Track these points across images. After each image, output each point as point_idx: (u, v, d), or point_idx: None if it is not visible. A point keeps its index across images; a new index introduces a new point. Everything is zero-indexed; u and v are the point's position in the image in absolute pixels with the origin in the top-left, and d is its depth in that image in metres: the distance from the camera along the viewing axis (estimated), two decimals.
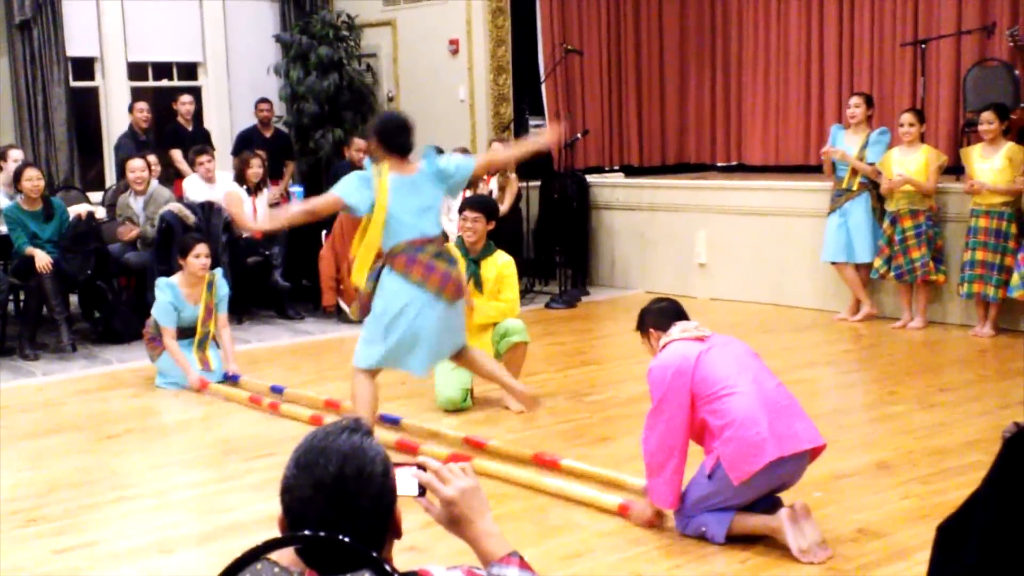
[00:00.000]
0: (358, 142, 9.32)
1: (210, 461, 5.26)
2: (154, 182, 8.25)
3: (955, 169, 7.87)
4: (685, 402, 3.88)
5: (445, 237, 5.22)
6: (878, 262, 7.79)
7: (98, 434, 5.70)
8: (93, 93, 10.50)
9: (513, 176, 9.15)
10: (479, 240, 5.89)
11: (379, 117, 5.20)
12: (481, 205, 5.96)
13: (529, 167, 9.88)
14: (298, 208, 5.04)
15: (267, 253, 8.65)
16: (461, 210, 5.97)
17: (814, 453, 3.95)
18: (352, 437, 1.72)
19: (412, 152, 4.99)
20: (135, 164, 8.14)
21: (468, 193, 7.57)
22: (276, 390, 6.32)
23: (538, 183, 9.95)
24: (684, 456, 3.94)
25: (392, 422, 5.57)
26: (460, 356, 5.22)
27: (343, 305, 8.48)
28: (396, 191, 4.85)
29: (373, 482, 1.70)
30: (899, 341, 7.45)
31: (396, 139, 4.92)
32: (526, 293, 9.26)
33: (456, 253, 5.48)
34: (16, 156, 8.45)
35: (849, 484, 4.61)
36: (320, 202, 5.00)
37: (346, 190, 4.87)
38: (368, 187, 4.86)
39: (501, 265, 5.97)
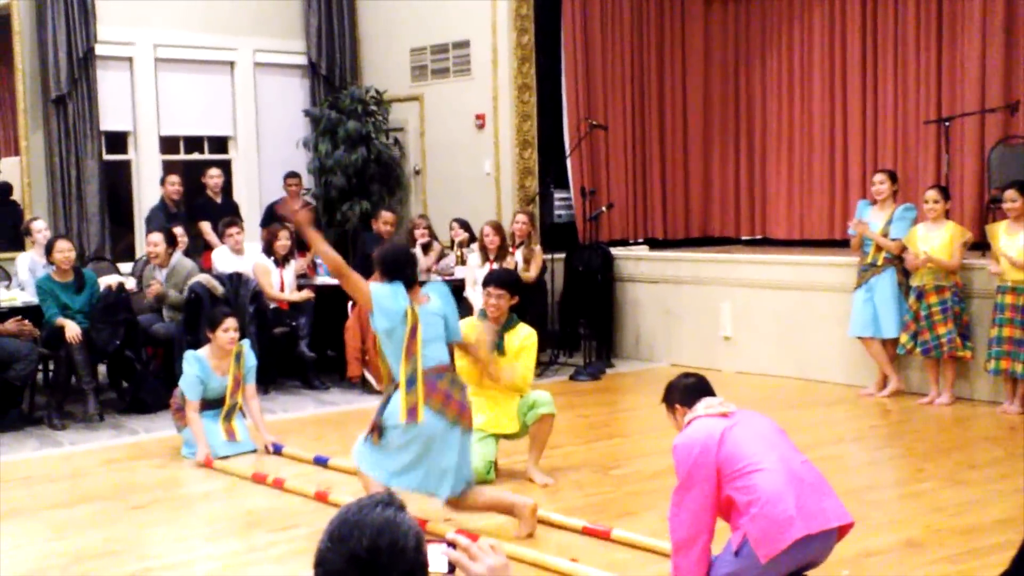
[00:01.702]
0: (386, 215, 9.43)
1: (235, 533, 5.26)
2: (177, 254, 8.35)
3: (980, 246, 7.87)
4: (711, 479, 3.86)
5: (451, 360, 5.18)
6: (904, 337, 7.76)
7: (124, 504, 5.71)
8: (125, 166, 10.69)
9: (538, 248, 9.22)
10: (502, 315, 5.92)
11: (383, 248, 5.12)
12: (505, 281, 5.98)
13: (554, 240, 9.97)
14: (337, 257, 4.96)
15: (293, 324, 8.72)
16: (485, 285, 5.99)
17: (842, 531, 3.92)
18: (386, 511, 1.74)
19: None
20: (153, 238, 8.26)
21: (495, 266, 7.64)
22: (320, 461, 6.33)
23: (563, 255, 10.01)
24: (711, 534, 3.91)
25: None
26: (457, 507, 5.07)
27: (368, 376, 8.51)
28: (422, 322, 4.88)
29: (406, 556, 1.72)
30: (927, 417, 7.40)
31: (401, 272, 4.92)
32: (551, 365, 9.27)
33: (462, 379, 5.31)
34: (39, 227, 8.59)
35: (878, 562, 4.56)
36: (355, 278, 4.88)
37: (381, 294, 4.83)
38: (399, 308, 4.82)
39: (524, 337, 5.97)
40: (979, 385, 7.72)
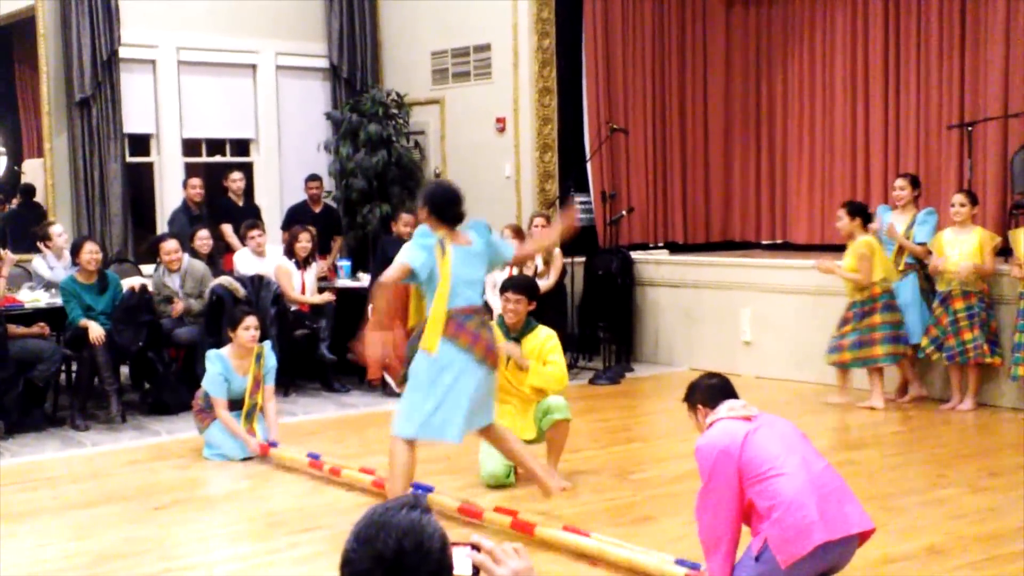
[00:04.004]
0: (405, 217, 9.45)
1: (257, 533, 5.28)
2: (186, 257, 8.38)
3: (1004, 251, 7.83)
4: (733, 482, 3.86)
5: (488, 310, 5.27)
6: (925, 342, 7.73)
7: (146, 505, 5.74)
8: (148, 168, 10.75)
9: (558, 252, 9.21)
10: (520, 320, 5.92)
11: (430, 187, 5.25)
12: (523, 286, 5.99)
13: (574, 244, 9.96)
14: (380, 288, 5.10)
15: (314, 326, 8.75)
16: (503, 290, 6.00)
17: (863, 537, 3.91)
18: (411, 513, 1.76)
19: (462, 223, 5.09)
20: (168, 246, 8.30)
21: (513, 271, 7.64)
22: (312, 456, 6.36)
23: (583, 259, 10.01)
24: (736, 537, 3.90)
25: (426, 491, 5.60)
26: (487, 432, 5.27)
27: (388, 378, 8.53)
28: (455, 260, 4.95)
29: (431, 558, 1.73)
30: (948, 423, 7.37)
31: (450, 210, 5.04)
32: (570, 369, 9.25)
33: (496, 329, 5.50)
34: (58, 231, 8.63)
35: (899, 569, 4.54)
36: (390, 272, 4.98)
37: (411, 256, 4.93)
38: (429, 254, 4.93)
39: (544, 338, 5.97)
40: (1004, 391, 7.68)
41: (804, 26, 10.37)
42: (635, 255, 10.11)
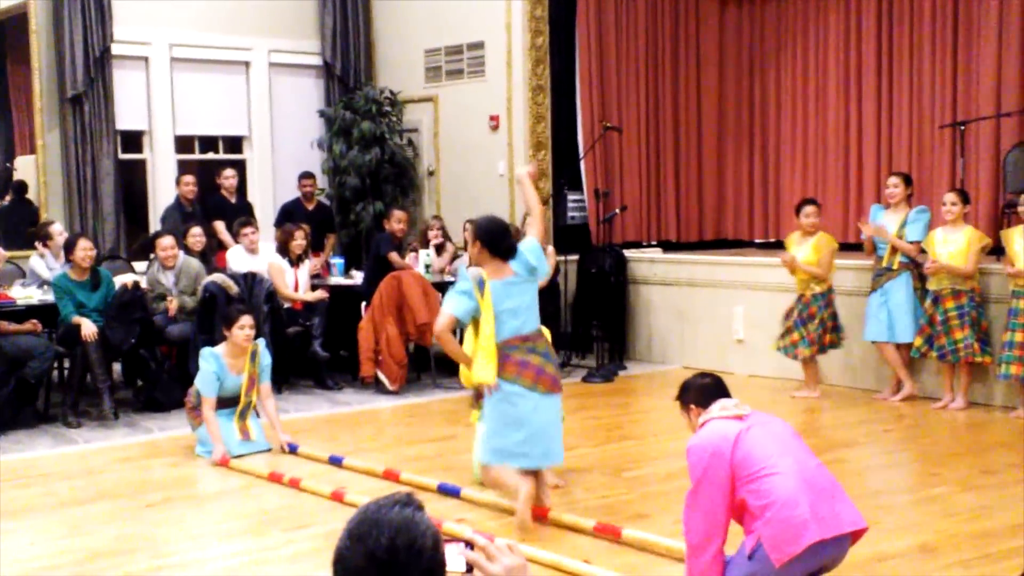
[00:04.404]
0: (398, 214, 9.44)
1: (248, 531, 5.27)
2: (181, 254, 8.37)
3: (996, 250, 7.85)
4: (724, 483, 3.86)
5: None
6: (919, 341, 7.74)
7: (138, 502, 5.73)
8: (140, 165, 10.73)
9: (551, 250, 9.21)
10: None
11: (481, 222, 5.34)
12: None
13: (567, 242, 9.97)
14: (440, 339, 5.24)
15: (307, 324, 8.75)
16: None
17: (856, 536, 3.91)
18: (404, 510, 1.76)
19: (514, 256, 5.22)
20: (164, 242, 8.28)
21: None
22: (335, 460, 6.35)
23: (576, 257, 10.01)
24: (725, 537, 3.90)
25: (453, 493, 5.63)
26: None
27: (381, 376, 8.53)
28: (496, 295, 5.10)
29: (424, 556, 1.73)
30: (941, 422, 7.38)
31: (502, 243, 5.19)
32: (564, 367, 9.27)
33: (551, 350, 5.51)
34: (59, 230, 8.62)
35: (892, 567, 4.55)
36: (440, 324, 5.16)
37: (454, 307, 5.14)
38: (470, 298, 5.12)
39: None
40: (994, 390, 7.70)
41: (797, 25, 10.39)
42: (628, 253, 10.12)
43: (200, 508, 5.77)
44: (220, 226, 9.67)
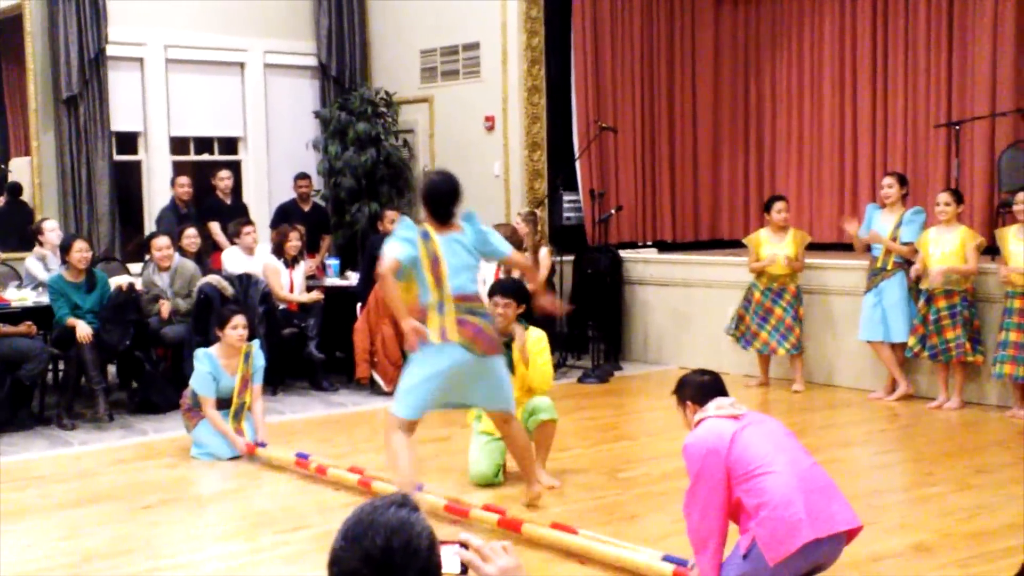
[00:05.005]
0: (390, 214, 9.41)
1: (244, 533, 5.27)
2: (176, 256, 8.37)
3: (991, 250, 7.86)
4: (720, 481, 3.86)
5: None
6: (912, 340, 7.76)
7: (133, 504, 5.72)
8: (136, 167, 10.71)
9: (546, 250, 9.22)
10: (509, 324, 5.89)
11: (430, 179, 5.28)
12: (511, 290, 5.96)
13: (563, 242, 9.97)
14: (383, 282, 5.07)
15: (303, 325, 8.74)
16: (491, 294, 5.96)
17: (850, 535, 3.92)
18: (400, 511, 1.76)
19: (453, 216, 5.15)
20: (160, 242, 8.27)
21: (500, 272, 7.64)
22: (301, 456, 6.34)
23: (572, 258, 10.01)
24: (724, 535, 3.91)
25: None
26: (504, 425, 5.33)
27: (376, 377, 8.52)
28: (444, 248, 5.03)
29: (419, 556, 1.73)
30: (935, 421, 7.39)
31: (441, 207, 5.11)
32: (559, 367, 9.26)
33: (491, 317, 5.50)
34: (51, 227, 8.61)
35: (887, 566, 4.55)
36: (385, 265, 4.98)
37: (399, 252, 4.99)
38: (413, 247, 5.01)
39: (533, 341, 5.98)
40: (989, 389, 7.71)
41: (792, 25, 10.40)
42: (624, 254, 10.12)
43: (195, 510, 5.76)
44: (215, 227, 9.66)
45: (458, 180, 5.26)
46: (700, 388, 4.16)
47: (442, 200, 5.12)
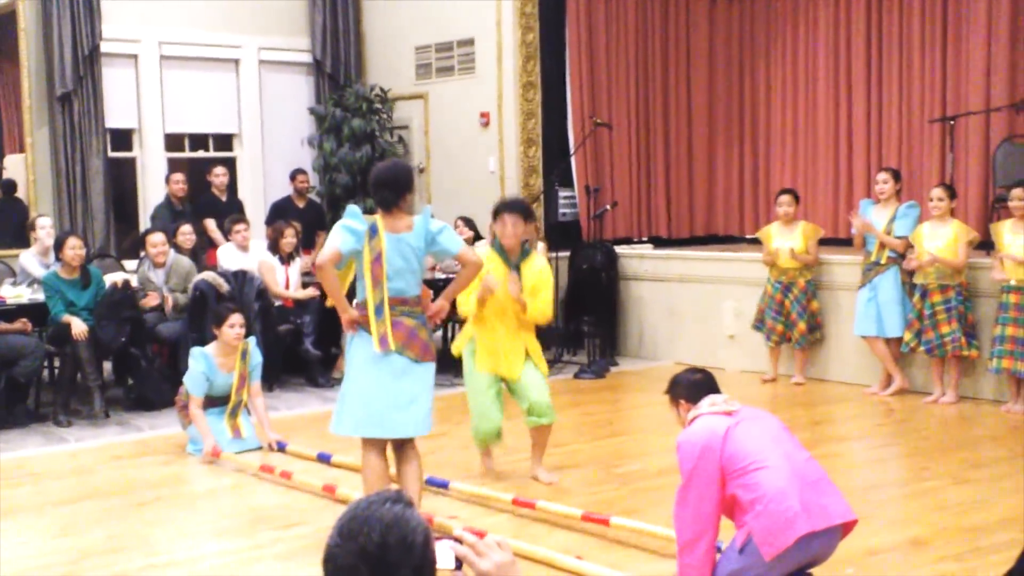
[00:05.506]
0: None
1: (240, 530, 5.27)
2: (171, 253, 8.35)
3: (986, 244, 7.87)
4: (714, 478, 3.86)
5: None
6: (908, 335, 7.77)
7: (129, 501, 5.72)
8: (130, 163, 10.70)
9: (541, 246, 9.21)
10: (518, 244, 5.70)
11: (377, 167, 5.01)
12: (518, 207, 5.78)
13: (558, 238, 9.97)
14: (320, 271, 4.85)
15: (298, 322, 8.73)
16: (499, 212, 5.75)
17: (846, 528, 3.92)
18: (395, 507, 1.76)
19: (398, 207, 4.86)
20: (155, 239, 8.26)
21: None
22: (323, 458, 6.34)
23: (567, 254, 10.02)
24: (716, 532, 3.91)
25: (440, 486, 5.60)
26: (400, 452, 4.98)
27: None
28: (389, 249, 4.81)
29: (414, 552, 1.73)
30: (931, 416, 7.40)
31: (384, 194, 4.86)
32: (555, 363, 9.28)
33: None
34: (44, 223, 8.59)
35: (883, 560, 4.56)
36: (324, 256, 4.79)
37: (341, 243, 4.76)
38: (357, 240, 4.77)
39: (538, 271, 5.78)
40: (984, 384, 7.72)
41: (787, 21, 10.41)
42: (619, 249, 10.12)
43: (191, 507, 5.76)
44: (210, 224, 9.66)
45: (407, 169, 5.05)
46: (692, 386, 4.17)
47: (385, 186, 4.84)
